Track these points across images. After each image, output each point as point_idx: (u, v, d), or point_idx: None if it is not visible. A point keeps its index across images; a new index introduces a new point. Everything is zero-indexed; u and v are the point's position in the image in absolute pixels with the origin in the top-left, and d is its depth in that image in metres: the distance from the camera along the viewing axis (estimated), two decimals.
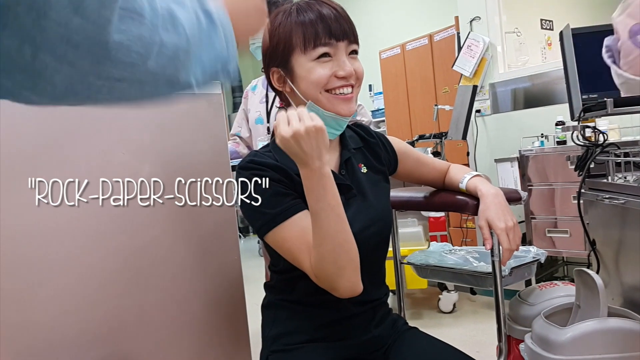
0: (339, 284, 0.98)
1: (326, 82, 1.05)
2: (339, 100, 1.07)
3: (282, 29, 1.06)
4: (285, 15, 1.07)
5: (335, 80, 1.06)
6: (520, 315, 1.45)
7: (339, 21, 1.05)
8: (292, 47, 1.06)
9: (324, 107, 1.07)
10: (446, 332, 2.94)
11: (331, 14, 1.05)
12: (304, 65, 1.06)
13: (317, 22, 1.04)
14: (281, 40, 1.07)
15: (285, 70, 1.09)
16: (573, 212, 2.94)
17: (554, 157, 2.98)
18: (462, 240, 3.64)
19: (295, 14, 1.06)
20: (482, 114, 3.78)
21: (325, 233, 0.96)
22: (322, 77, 1.05)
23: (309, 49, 1.04)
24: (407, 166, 1.31)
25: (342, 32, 1.05)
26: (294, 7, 1.08)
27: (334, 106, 1.07)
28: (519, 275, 2.12)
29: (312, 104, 1.07)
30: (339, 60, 1.06)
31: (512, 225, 1.17)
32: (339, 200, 0.98)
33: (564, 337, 1.20)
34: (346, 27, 1.06)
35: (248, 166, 1.05)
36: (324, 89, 1.06)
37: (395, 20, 5.76)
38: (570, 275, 3.55)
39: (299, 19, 1.05)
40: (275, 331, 1.14)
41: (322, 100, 1.06)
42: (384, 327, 1.18)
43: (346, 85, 1.07)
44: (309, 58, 1.05)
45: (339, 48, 1.06)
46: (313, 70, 1.05)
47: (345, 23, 1.06)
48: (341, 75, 1.05)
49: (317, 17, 1.04)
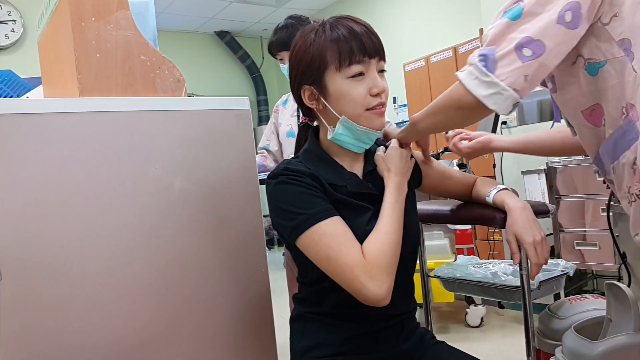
0: (375, 280, 0.99)
1: (364, 100, 1.08)
2: (374, 115, 1.09)
3: (316, 47, 1.08)
4: (318, 34, 1.09)
5: (371, 99, 1.08)
6: (550, 328, 1.43)
7: (371, 38, 1.07)
8: (326, 64, 1.07)
9: (360, 123, 1.09)
10: (474, 347, 2.91)
11: (363, 31, 1.07)
12: (338, 83, 1.08)
13: (350, 39, 1.06)
14: (315, 58, 1.08)
15: (319, 88, 1.11)
16: (602, 225, 2.90)
17: (581, 168, 2.95)
18: (489, 253, 3.60)
19: (329, 31, 1.08)
20: (508, 126, 3.75)
21: (398, 226, 1.07)
22: (360, 96, 1.07)
23: (344, 66, 1.06)
24: (432, 180, 1.32)
25: (374, 49, 1.07)
26: (327, 25, 1.09)
27: (369, 122, 1.09)
28: (547, 289, 2.09)
29: (345, 119, 1.09)
30: (371, 77, 1.08)
31: (540, 239, 1.15)
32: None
33: (595, 351, 1.18)
34: (377, 43, 1.08)
35: (283, 173, 1.07)
36: (365, 108, 1.08)
37: (419, 32, 5.77)
38: (599, 288, 3.48)
39: (332, 35, 1.07)
40: (304, 344, 1.14)
41: (362, 118, 1.09)
42: (412, 341, 1.18)
43: (381, 103, 1.09)
44: (344, 76, 1.07)
45: (371, 65, 1.08)
46: (350, 90, 1.07)
47: (376, 39, 1.09)
48: (375, 93, 1.08)
49: (349, 33, 1.06)
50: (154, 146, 1.14)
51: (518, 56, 0.99)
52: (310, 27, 1.11)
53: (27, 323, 1.00)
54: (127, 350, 1.10)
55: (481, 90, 1.01)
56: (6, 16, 4.75)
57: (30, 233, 1.00)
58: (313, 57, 1.08)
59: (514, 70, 0.99)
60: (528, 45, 0.99)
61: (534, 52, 0.99)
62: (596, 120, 1.10)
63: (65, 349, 1.03)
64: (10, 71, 1.98)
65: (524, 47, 0.99)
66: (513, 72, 0.99)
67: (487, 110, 1.03)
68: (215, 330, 1.21)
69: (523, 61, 0.99)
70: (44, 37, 1.40)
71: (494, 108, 1.01)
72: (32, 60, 1.75)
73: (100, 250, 1.07)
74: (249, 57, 8.02)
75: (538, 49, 0.99)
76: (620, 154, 1.05)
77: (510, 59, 1.00)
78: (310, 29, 1.11)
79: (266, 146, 2.66)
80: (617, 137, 1.05)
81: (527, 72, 0.99)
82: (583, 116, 1.11)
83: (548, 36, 0.99)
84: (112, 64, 1.17)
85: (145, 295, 1.12)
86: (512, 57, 1.00)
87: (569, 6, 0.98)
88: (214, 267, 1.21)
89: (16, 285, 0.98)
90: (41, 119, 1.03)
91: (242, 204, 1.25)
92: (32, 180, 1.01)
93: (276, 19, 6.55)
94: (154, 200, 1.13)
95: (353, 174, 1.16)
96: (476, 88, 1.02)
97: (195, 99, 1.22)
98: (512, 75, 0.99)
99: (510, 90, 0.99)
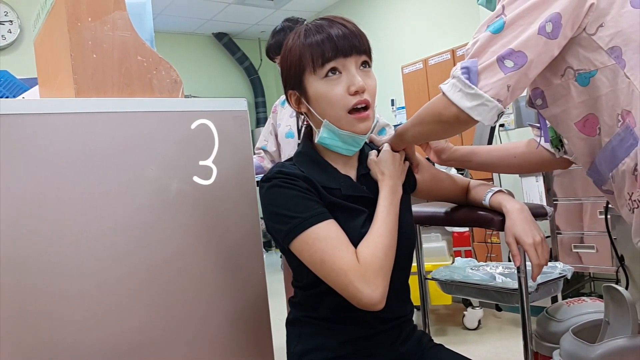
0: (370, 284, 0.98)
1: (342, 100, 1.05)
2: (356, 119, 1.07)
3: (294, 52, 1.09)
4: (295, 39, 1.09)
5: (350, 98, 1.06)
6: (548, 331, 1.43)
7: (348, 38, 1.05)
8: (303, 68, 1.07)
9: (342, 127, 1.08)
10: (471, 349, 2.90)
11: (340, 33, 1.05)
12: (316, 85, 1.07)
13: (324, 42, 1.05)
14: (293, 63, 1.09)
15: (300, 92, 1.11)
16: (599, 228, 2.90)
17: (579, 171, 2.94)
18: (487, 256, 3.60)
19: (303, 36, 1.08)
20: (506, 128, 3.75)
21: (392, 229, 1.07)
22: (337, 96, 1.05)
23: (318, 67, 1.05)
24: (425, 184, 1.31)
25: (349, 48, 1.05)
26: (303, 29, 1.09)
27: (352, 126, 1.08)
28: (545, 292, 2.09)
29: (327, 122, 1.08)
30: (349, 74, 1.06)
31: (540, 239, 1.15)
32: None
33: (594, 354, 1.18)
34: (355, 42, 1.06)
35: (276, 177, 1.07)
36: (347, 111, 1.06)
37: (417, 35, 5.77)
38: (597, 291, 3.48)
39: (307, 40, 1.07)
40: (301, 347, 1.14)
41: (343, 121, 1.07)
42: (410, 344, 1.17)
43: (361, 101, 1.06)
44: (319, 76, 1.06)
45: (347, 63, 1.06)
46: (327, 91, 1.06)
47: (355, 38, 1.06)
48: (353, 91, 1.05)
49: (324, 37, 1.05)
50: (151, 147, 1.14)
51: (500, 67, 1.01)
52: (293, 32, 1.12)
53: (22, 322, 0.99)
54: (123, 351, 1.09)
55: (465, 102, 1.03)
56: (3, 17, 4.74)
57: (25, 233, 0.99)
58: (291, 62, 1.09)
59: (497, 81, 1.01)
60: (510, 56, 1.01)
61: (516, 63, 1.01)
62: (590, 130, 1.10)
63: (59, 350, 1.02)
64: (6, 72, 1.97)
65: (506, 59, 1.01)
66: (496, 83, 1.01)
67: (471, 121, 1.05)
68: (211, 332, 1.20)
69: (505, 72, 1.01)
70: (40, 38, 1.39)
71: (479, 119, 1.04)
72: (29, 61, 1.74)
73: (95, 250, 1.06)
74: (247, 59, 8.02)
75: (519, 60, 1.01)
76: (619, 161, 1.05)
77: (492, 71, 1.02)
78: (292, 34, 1.12)
79: (264, 146, 2.65)
80: (614, 145, 1.05)
81: (510, 82, 1.02)
82: (577, 128, 1.12)
83: (529, 47, 1.01)
84: (109, 65, 1.16)
85: (140, 296, 1.11)
86: (494, 68, 1.02)
87: (550, 17, 1.00)
88: (211, 268, 1.20)
89: (11, 285, 0.98)
90: (37, 120, 1.02)
91: (239, 205, 1.24)
92: (28, 180, 1.00)
93: (274, 20, 6.56)
94: (150, 201, 1.13)
95: (347, 176, 1.15)
96: (460, 100, 1.04)
97: (192, 99, 1.21)
98: (495, 86, 1.01)
99: (495, 101, 1.02)
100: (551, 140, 1.30)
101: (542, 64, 1.04)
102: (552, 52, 1.04)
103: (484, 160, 1.43)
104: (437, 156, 1.39)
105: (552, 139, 1.30)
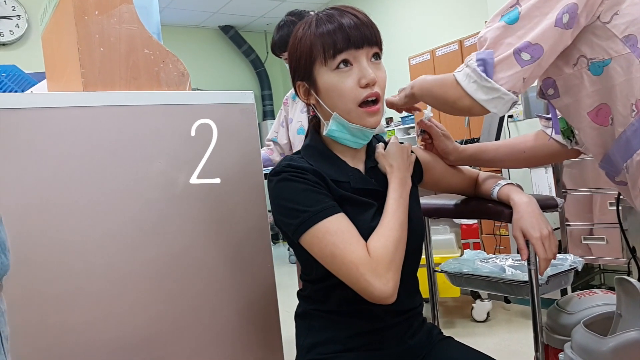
0: (381, 278, 0.98)
1: (352, 93, 1.04)
2: (366, 113, 1.06)
3: (304, 42, 1.07)
4: (305, 29, 1.07)
5: (361, 90, 1.04)
6: (559, 324, 1.42)
7: (360, 28, 1.03)
8: (313, 59, 1.06)
9: (352, 120, 1.07)
10: (480, 342, 2.90)
11: (351, 23, 1.03)
12: (327, 77, 1.05)
13: (335, 32, 1.03)
14: (303, 54, 1.07)
15: (310, 83, 1.09)
16: (610, 219, 2.88)
17: (589, 162, 2.92)
18: (496, 248, 3.59)
19: (314, 26, 1.06)
20: (514, 119, 3.72)
21: (403, 222, 1.06)
22: (348, 88, 1.04)
23: (329, 58, 1.04)
24: (433, 175, 1.31)
25: (361, 39, 1.03)
26: (314, 19, 1.08)
27: (361, 120, 1.07)
28: (555, 284, 2.08)
29: (337, 115, 1.07)
30: (361, 66, 1.04)
31: (548, 233, 1.14)
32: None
33: (606, 346, 1.17)
34: (367, 33, 1.04)
35: (285, 170, 1.06)
36: (357, 104, 1.05)
37: (424, 26, 5.73)
38: (607, 283, 3.46)
39: (318, 30, 1.05)
40: (310, 340, 1.14)
41: (353, 114, 1.06)
42: (419, 337, 1.17)
43: (372, 94, 1.05)
44: (330, 68, 1.04)
45: (359, 55, 1.04)
46: (338, 83, 1.04)
47: (367, 28, 1.04)
48: (364, 84, 1.04)
49: (335, 26, 1.03)
50: (158, 140, 1.13)
51: (517, 60, 1.01)
52: (303, 22, 1.10)
53: (31, 319, 0.99)
54: (132, 346, 1.09)
55: (481, 94, 1.03)
56: (10, 11, 4.75)
57: (33, 228, 1.00)
58: (301, 53, 1.07)
59: (513, 74, 1.01)
60: (526, 49, 1.00)
61: (533, 56, 1.00)
62: (603, 120, 1.09)
63: (70, 345, 1.03)
64: (14, 66, 1.97)
65: (523, 52, 1.00)
66: (512, 76, 1.01)
67: (485, 112, 1.05)
68: (220, 325, 1.20)
69: (522, 65, 1.01)
70: (47, 32, 1.39)
71: (495, 111, 1.04)
72: (36, 55, 1.74)
73: (104, 245, 1.06)
74: (253, 52, 8.01)
75: (536, 53, 1.00)
76: (634, 151, 1.03)
77: (509, 64, 1.01)
78: (302, 23, 1.10)
79: (274, 138, 2.62)
80: (629, 135, 1.03)
81: (525, 75, 1.01)
82: (589, 117, 1.10)
83: (545, 39, 1.00)
84: (116, 58, 1.16)
85: (149, 291, 1.11)
86: (511, 61, 1.01)
87: (567, 8, 0.99)
88: (219, 262, 1.20)
89: (20, 280, 0.98)
90: (45, 114, 1.02)
91: (247, 198, 1.24)
92: (36, 174, 1.00)
93: (281, 12, 6.52)
94: (158, 195, 1.12)
95: (356, 169, 1.14)
96: (475, 92, 1.04)
97: (199, 92, 1.21)
98: (512, 79, 1.01)
99: (510, 94, 1.02)
100: (562, 132, 1.29)
101: (555, 54, 1.03)
102: (566, 42, 1.03)
103: (493, 158, 1.43)
104: (445, 158, 1.38)
105: (563, 130, 1.29)
